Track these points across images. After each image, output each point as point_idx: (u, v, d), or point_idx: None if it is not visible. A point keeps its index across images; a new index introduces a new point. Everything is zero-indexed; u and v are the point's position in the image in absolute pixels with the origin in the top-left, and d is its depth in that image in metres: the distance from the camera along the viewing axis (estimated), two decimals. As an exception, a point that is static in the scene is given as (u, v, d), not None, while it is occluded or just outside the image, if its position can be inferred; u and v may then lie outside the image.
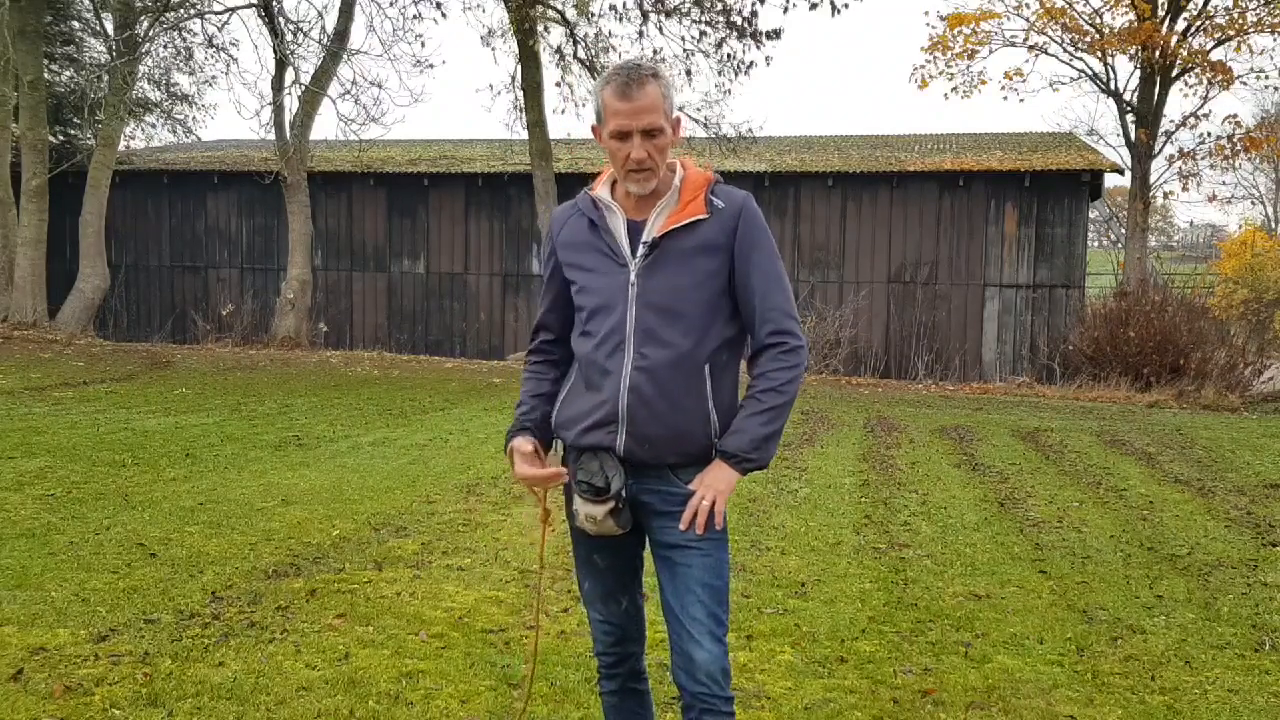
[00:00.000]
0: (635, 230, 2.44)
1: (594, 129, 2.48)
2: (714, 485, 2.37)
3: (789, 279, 2.52)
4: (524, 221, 19.97)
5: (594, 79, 18.80)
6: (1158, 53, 21.37)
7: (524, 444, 2.50)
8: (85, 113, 20.50)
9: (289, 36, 18.80)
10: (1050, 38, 23.38)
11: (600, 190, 2.50)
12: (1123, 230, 29.31)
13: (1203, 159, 23.02)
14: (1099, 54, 23.19)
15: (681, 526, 2.37)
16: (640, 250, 2.41)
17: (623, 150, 2.36)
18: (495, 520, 6.18)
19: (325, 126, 64.47)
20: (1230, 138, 22.57)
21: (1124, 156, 23.76)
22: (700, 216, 2.39)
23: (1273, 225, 45.23)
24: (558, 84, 20.10)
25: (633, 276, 2.41)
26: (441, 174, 20.27)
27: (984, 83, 23.94)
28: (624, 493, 2.41)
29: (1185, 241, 55.89)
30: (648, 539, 2.52)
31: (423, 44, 40.19)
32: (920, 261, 18.73)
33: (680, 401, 2.38)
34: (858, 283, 18.91)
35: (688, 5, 17.12)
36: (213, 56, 21.19)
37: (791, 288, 2.50)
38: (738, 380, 2.50)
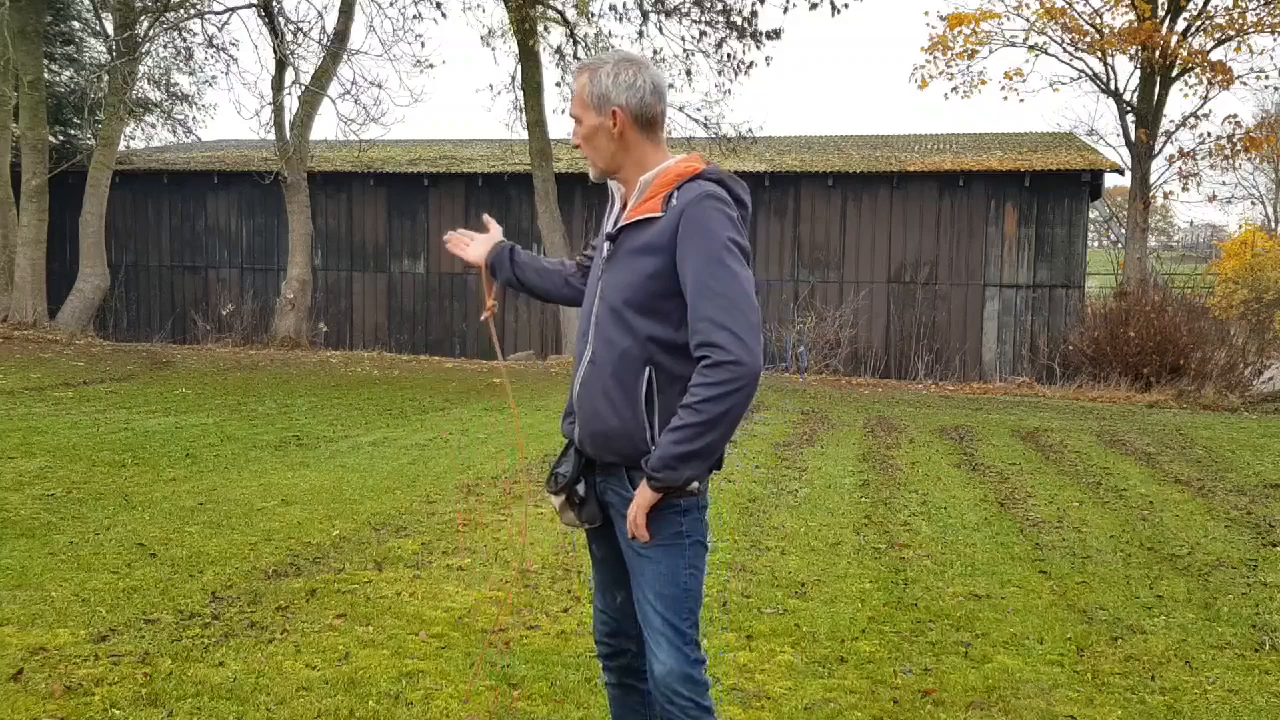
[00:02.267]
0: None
1: None
2: (634, 499, 2.33)
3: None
4: (524, 222, 19.96)
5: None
6: (1158, 53, 21.35)
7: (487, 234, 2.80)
8: (85, 113, 20.51)
9: (289, 36, 18.80)
10: (1050, 38, 23.37)
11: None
12: (1123, 230, 29.31)
13: (1203, 159, 23.00)
14: (1099, 54, 23.18)
15: (629, 535, 2.38)
16: (606, 244, 2.45)
17: None
18: (495, 520, 6.18)
19: (325, 126, 64.49)
20: (1230, 138, 22.55)
21: (1124, 156, 23.75)
22: (653, 214, 2.33)
23: (1273, 225, 45.21)
24: (558, 84, 20.19)
25: (600, 270, 2.45)
26: (441, 174, 20.26)
27: (984, 83, 23.93)
28: (578, 487, 2.42)
29: (1185, 241, 55.80)
30: None
31: (423, 44, 40.29)
32: (920, 261, 18.72)
33: (615, 402, 2.34)
34: (858, 283, 18.91)
35: (688, 5, 17.12)
36: (213, 56, 21.24)
37: (739, 294, 2.21)
38: None
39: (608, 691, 2.72)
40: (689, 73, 17.83)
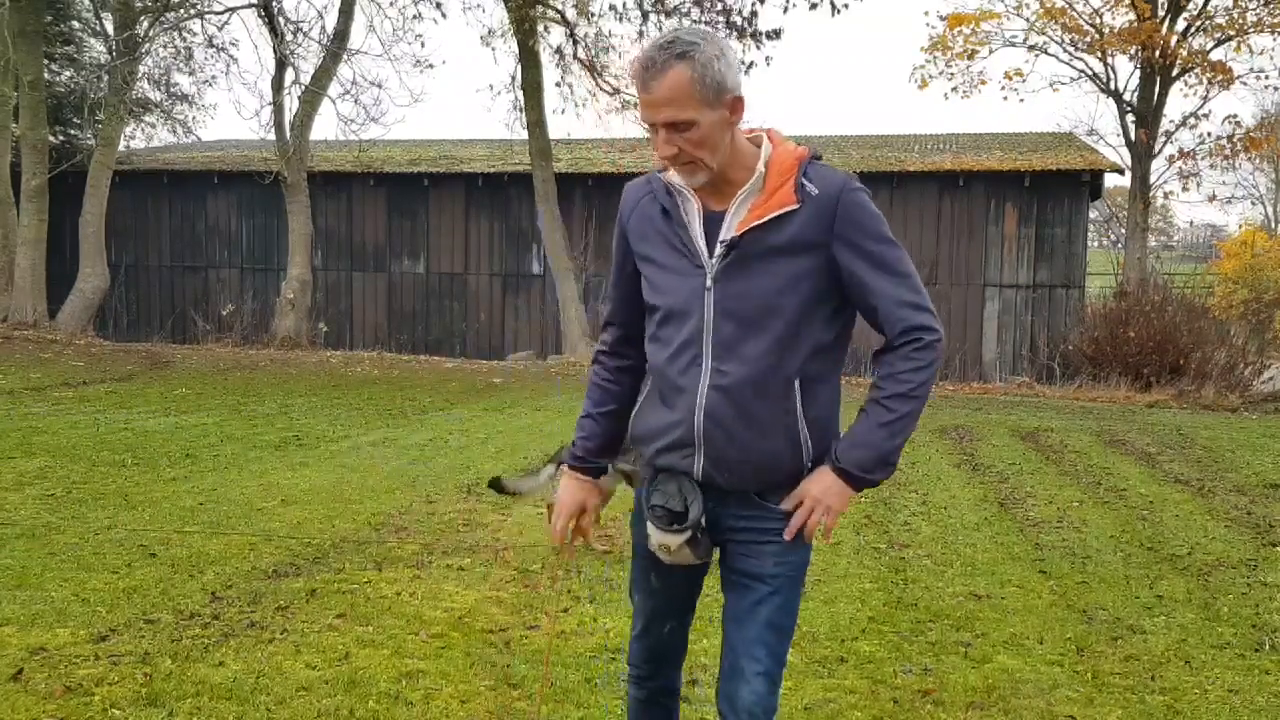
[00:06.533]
0: (713, 223, 2.12)
1: None
2: (825, 500, 2.13)
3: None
4: (524, 221, 19.96)
5: (594, 79, 18.85)
6: (1158, 53, 21.36)
7: (572, 492, 2.28)
8: (85, 113, 20.48)
9: (289, 36, 18.82)
10: (1050, 38, 23.39)
11: (674, 173, 2.15)
12: (1123, 230, 29.30)
13: (1203, 159, 23.02)
14: (1099, 54, 23.19)
15: (786, 536, 2.15)
16: (718, 250, 2.10)
17: (654, 143, 2.06)
18: (495, 520, 6.18)
19: (325, 126, 64.50)
20: (1230, 138, 22.57)
21: (1124, 156, 23.75)
22: (790, 208, 2.07)
23: (1273, 225, 45.21)
24: (558, 84, 20.09)
25: (709, 280, 2.10)
26: (441, 174, 20.26)
27: (984, 83, 23.95)
28: (703, 521, 2.15)
29: (1185, 241, 55.78)
30: (719, 561, 2.28)
31: (423, 44, 40.25)
32: (920, 261, 18.68)
33: (764, 425, 2.11)
34: (858, 283, 18.87)
35: (687, 5, 17.12)
36: (213, 56, 21.15)
37: (916, 273, 2.18)
38: (838, 389, 2.22)
39: (630, 703, 2.50)
40: (689, 73, 17.78)
